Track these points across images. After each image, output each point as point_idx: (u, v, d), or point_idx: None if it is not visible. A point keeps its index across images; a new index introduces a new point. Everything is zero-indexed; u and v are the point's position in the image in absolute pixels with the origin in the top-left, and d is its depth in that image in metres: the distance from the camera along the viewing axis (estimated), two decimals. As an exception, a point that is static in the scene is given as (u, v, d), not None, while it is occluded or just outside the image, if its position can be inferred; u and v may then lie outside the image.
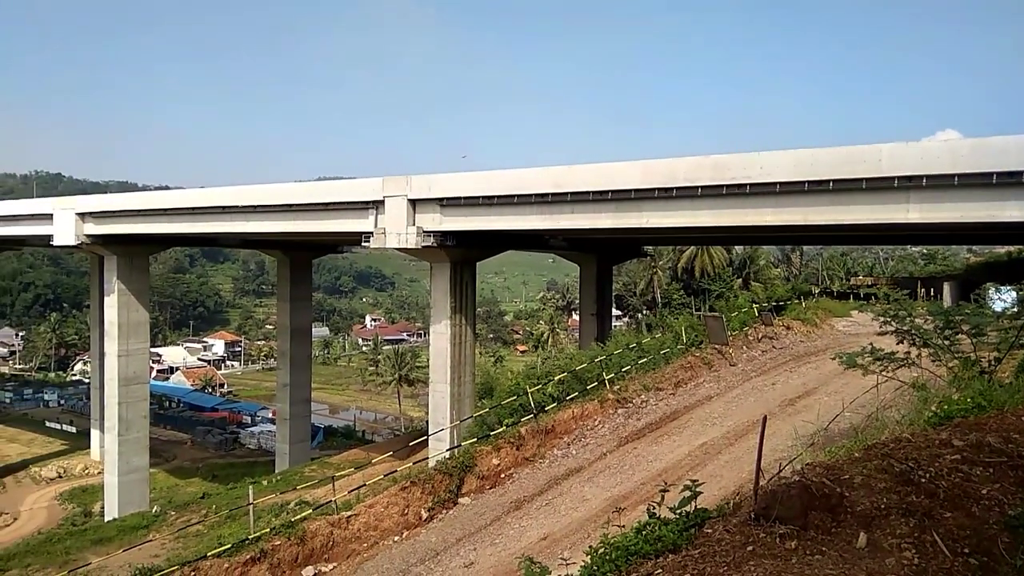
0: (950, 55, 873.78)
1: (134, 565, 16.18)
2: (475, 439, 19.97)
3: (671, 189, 24.62)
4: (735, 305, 33.39)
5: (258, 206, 38.62)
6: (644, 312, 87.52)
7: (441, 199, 31.40)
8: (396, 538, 15.01)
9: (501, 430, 20.00)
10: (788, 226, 24.29)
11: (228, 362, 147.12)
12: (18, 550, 36.61)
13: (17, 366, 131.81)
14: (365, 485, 17.27)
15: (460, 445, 19.96)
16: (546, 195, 28.02)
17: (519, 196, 28.93)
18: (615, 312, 79.21)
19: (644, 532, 6.51)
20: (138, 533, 34.90)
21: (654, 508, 6.91)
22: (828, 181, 21.33)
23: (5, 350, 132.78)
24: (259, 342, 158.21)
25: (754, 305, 31.96)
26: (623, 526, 7.30)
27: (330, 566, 13.76)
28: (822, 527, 5.34)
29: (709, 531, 5.97)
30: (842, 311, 35.06)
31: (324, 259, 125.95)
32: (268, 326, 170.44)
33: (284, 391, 56.33)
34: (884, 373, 13.30)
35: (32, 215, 50.84)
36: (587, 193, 26.85)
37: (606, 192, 26.30)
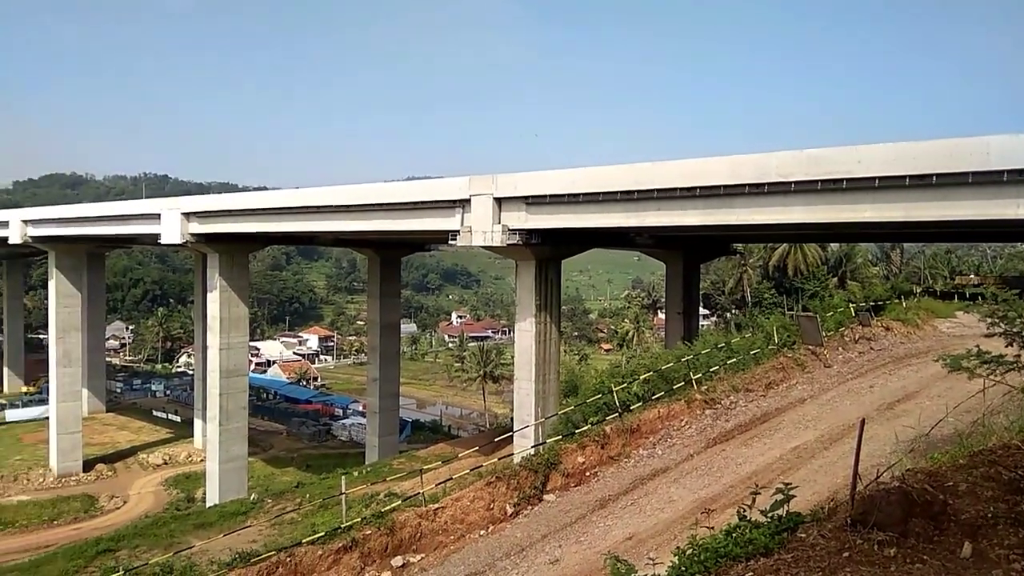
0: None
1: (234, 549, 16.97)
2: (560, 437, 20.01)
3: (762, 185, 23.98)
4: (830, 305, 32.18)
5: (350, 205, 39.80)
6: (733, 311, 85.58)
7: (526, 197, 31.56)
8: (482, 532, 15.23)
9: (586, 428, 19.97)
10: (888, 222, 23.27)
11: (321, 356, 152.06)
12: (127, 532, 38.78)
13: (127, 358, 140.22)
14: (451, 479, 17.57)
15: (545, 442, 20.04)
16: (632, 192, 27.76)
17: (604, 193, 28.77)
18: (702, 311, 77.60)
19: (734, 534, 6.42)
20: (237, 519, 36.43)
21: (745, 511, 6.80)
22: (931, 175, 20.30)
23: (117, 343, 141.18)
24: (350, 337, 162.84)
25: (851, 305, 30.72)
26: (712, 528, 7.21)
27: (418, 556, 14.09)
28: (923, 535, 5.15)
29: (802, 536, 5.83)
30: (946, 312, 33.26)
31: (412, 257, 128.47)
32: (359, 322, 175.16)
33: (374, 385, 57.83)
34: (992, 377, 12.58)
35: (141, 215, 53.95)
36: (674, 190, 26.46)
37: (694, 188, 25.84)
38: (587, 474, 18.19)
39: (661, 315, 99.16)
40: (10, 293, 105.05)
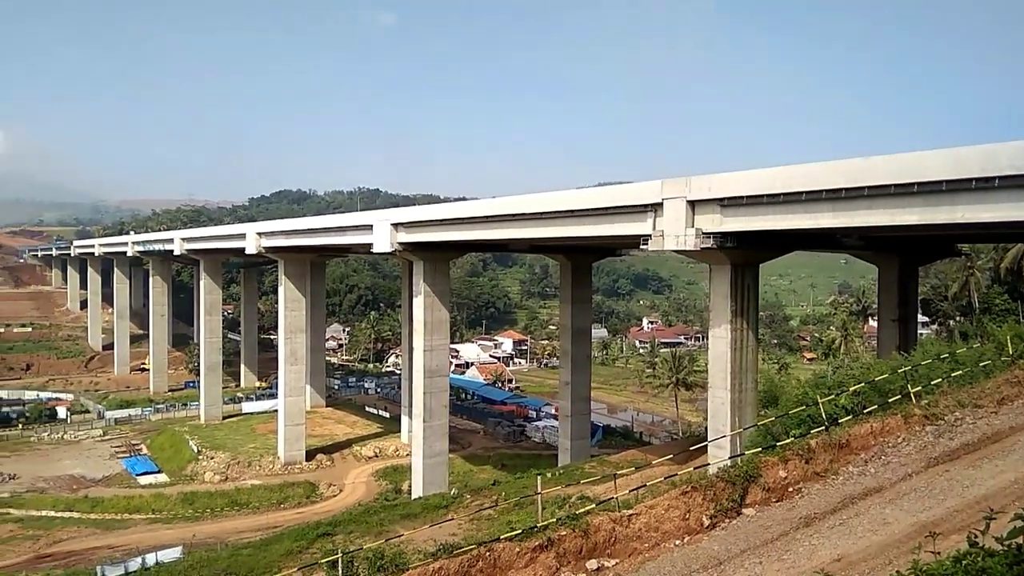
0: None
1: (437, 541, 17.95)
2: (759, 449, 19.16)
3: (991, 179, 21.49)
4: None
5: (541, 213, 40.74)
6: (957, 319, 77.33)
7: (721, 199, 30.57)
8: (677, 541, 14.97)
9: (788, 441, 18.96)
10: None
11: (515, 359, 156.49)
12: (343, 518, 42.06)
13: (343, 357, 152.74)
14: (645, 486, 17.43)
15: (743, 454, 19.28)
16: (838, 190, 25.97)
17: (807, 193, 27.16)
18: (921, 318, 70.78)
19: (964, 562, 5.88)
20: (439, 512, 38.34)
21: (976, 536, 6.18)
22: None
23: (334, 343, 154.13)
24: (543, 341, 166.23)
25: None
26: (937, 553, 6.62)
27: (612, 561, 14.13)
28: None
29: (1046, 570, 5.21)
30: None
31: (603, 262, 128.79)
32: (551, 326, 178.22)
33: (566, 389, 58.61)
34: None
35: (356, 226, 58.64)
36: (887, 187, 24.41)
37: (911, 185, 23.69)
38: (789, 489, 17.27)
39: (872, 322, 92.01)
40: (246, 298, 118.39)
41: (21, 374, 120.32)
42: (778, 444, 18.88)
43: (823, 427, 19.23)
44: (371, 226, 54.27)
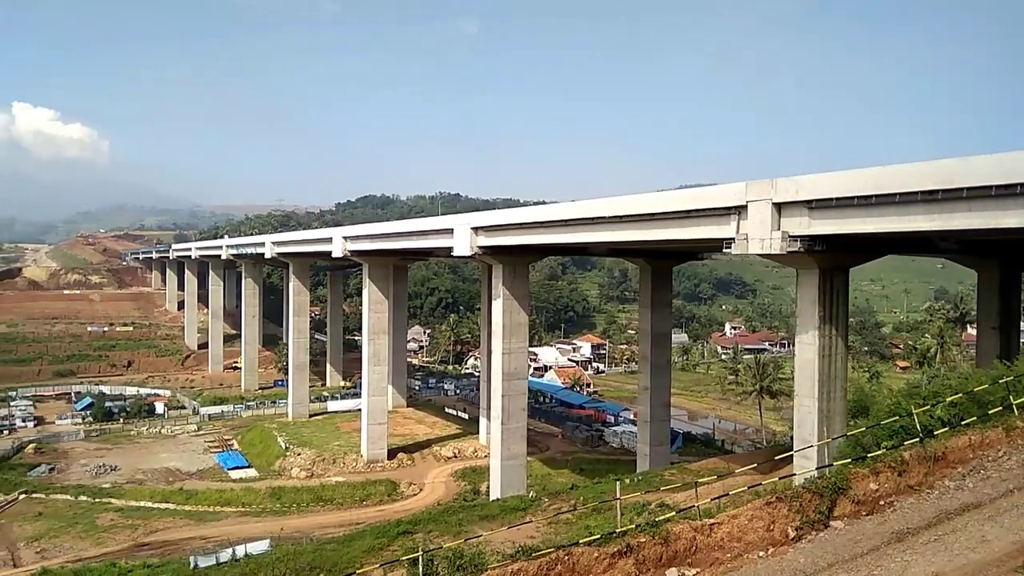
0: None
1: (515, 543, 18.05)
2: (848, 460, 18.48)
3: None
4: None
5: (621, 216, 40.45)
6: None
7: (809, 201, 29.70)
8: (761, 553, 14.60)
9: (879, 453, 18.20)
10: None
11: (593, 363, 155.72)
12: (423, 517, 42.75)
13: (424, 359, 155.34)
14: (727, 495, 17.06)
15: (831, 464, 18.64)
16: (934, 192, 24.85)
17: (901, 194, 26.09)
18: (1026, 326, 66.73)
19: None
20: (517, 514, 38.55)
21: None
22: None
23: (415, 345, 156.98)
24: (621, 346, 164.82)
25: None
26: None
27: (693, 571, 13.90)
28: None
29: None
30: None
31: (684, 266, 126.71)
32: (630, 331, 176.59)
33: (645, 394, 57.95)
34: None
35: (437, 230, 59.62)
36: (988, 188, 23.22)
37: (1014, 186, 22.47)
38: (881, 503, 16.58)
39: (971, 330, 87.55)
40: (332, 300, 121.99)
41: (123, 371, 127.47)
42: (868, 455, 18.18)
43: (917, 439, 18.41)
44: (451, 230, 55.06)
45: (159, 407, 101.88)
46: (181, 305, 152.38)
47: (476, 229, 52.72)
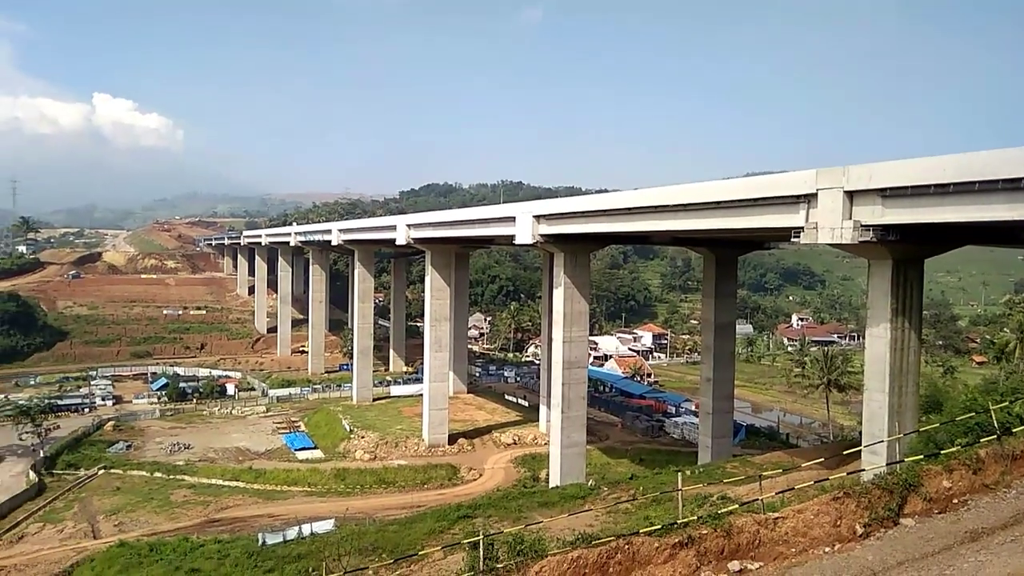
0: None
1: (574, 530, 18.10)
2: (920, 456, 17.91)
3: None
4: None
5: (686, 204, 39.83)
6: None
7: (883, 189, 28.70)
8: (827, 549, 14.31)
9: (953, 450, 17.59)
10: None
11: (655, 353, 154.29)
12: (483, 502, 43.18)
13: (484, 346, 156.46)
14: (792, 489, 16.75)
15: (901, 460, 18.09)
16: (1017, 179, 23.71)
17: (982, 182, 24.97)
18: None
19: None
20: (576, 502, 38.58)
21: None
22: None
23: (476, 332, 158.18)
24: (683, 336, 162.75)
25: None
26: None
27: (756, 564, 13.71)
28: None
29: None
30: None
31: (749, 256, 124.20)
32: (692, 321, 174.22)
33: (707, 385, 57.15)
34: None
35: (499, 218, 59.83)
36: (1079, 175, 22.04)
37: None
38: (954, 501, 16.04)
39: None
40: (395, 287, 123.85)
41: (196, 353, 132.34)
42: (942, 452, 17.59)
43: (994, 436, 17.73)
44: (513, 218, 55.17)
45: (230, 388, 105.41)
46: (251, 290, 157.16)
47: (538, 217, 52.69)
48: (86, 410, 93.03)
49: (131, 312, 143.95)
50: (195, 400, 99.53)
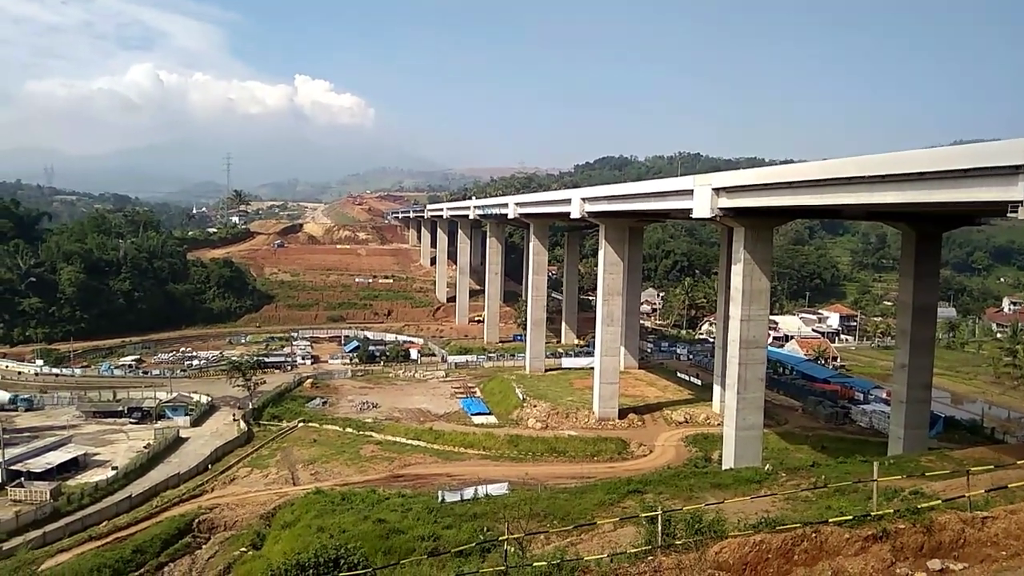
0: None
1: (748, 513, 17.64)
2: None
3: None
4: None
5: (883, 176, 36.85)
6: None
7: None
8: (1044, 556, 13.02)
9: None
10: None
11: (842, 336, 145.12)
12: (653, 478, 43.06)
13: (656, 322, 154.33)
14: (1004, 487, 15.30)
15: None
16: None
17: None
18: None
19: None
20: (751, 486, 37.43)
21: None
22: None
23: (648, 307, 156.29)
24: (875, 318, 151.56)
25: None
26: None
27: (960, 565, 12.71)
28: None
29: None
30: None
31: (955, 232, 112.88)
32: (886, 302, 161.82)
33: (901, 372, 53.04)
34: None
35: (676, 191, 58.45)
36: None
37: None
38: None
39: None
40: (568, 260, 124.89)
41: (383, 319, 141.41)
42: None
43: None
44: (691, 191, 53.70)
45: (413, 353, 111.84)
46: (433, 261, 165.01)
47: (717, 190, 50.91)
48: (288, 368, 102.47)
49: (327, 279, 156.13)
50: (382, 362, 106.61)
